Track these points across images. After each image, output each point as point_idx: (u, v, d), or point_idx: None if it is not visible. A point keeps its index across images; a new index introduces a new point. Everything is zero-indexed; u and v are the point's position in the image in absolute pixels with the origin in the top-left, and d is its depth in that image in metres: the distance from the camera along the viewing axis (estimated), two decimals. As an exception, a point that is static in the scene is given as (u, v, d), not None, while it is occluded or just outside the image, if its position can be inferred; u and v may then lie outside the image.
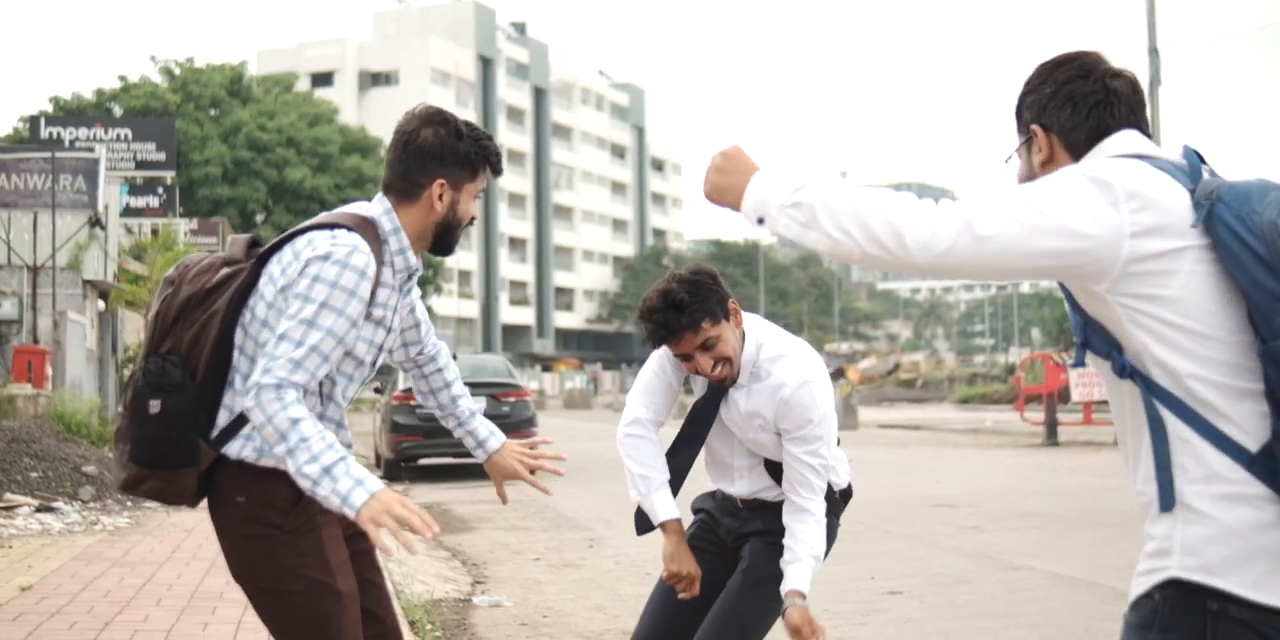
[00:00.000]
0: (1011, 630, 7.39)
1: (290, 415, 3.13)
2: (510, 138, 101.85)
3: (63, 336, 20.77)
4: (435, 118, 3.44)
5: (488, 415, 15.96)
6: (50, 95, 58.93)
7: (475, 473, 19.92)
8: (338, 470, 3.12)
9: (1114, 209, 2.30)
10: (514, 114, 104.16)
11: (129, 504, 11.84)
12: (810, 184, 2.42)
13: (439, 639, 7.02)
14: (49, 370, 19.76)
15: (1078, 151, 2.54)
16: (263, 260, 3.36)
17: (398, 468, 19.03)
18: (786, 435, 4.03)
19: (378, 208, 3.44)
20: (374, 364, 3.48)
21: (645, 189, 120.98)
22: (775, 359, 4.08)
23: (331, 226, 3.33)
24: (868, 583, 8.97)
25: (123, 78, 60.43)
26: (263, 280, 3.34)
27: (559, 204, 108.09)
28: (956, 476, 17.81)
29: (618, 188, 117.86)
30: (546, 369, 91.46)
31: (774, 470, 4.19)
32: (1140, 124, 2.56)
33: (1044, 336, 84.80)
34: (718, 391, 4.16)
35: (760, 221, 2.47)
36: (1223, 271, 2.29)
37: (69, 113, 53.07)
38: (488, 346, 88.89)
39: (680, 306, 3.93)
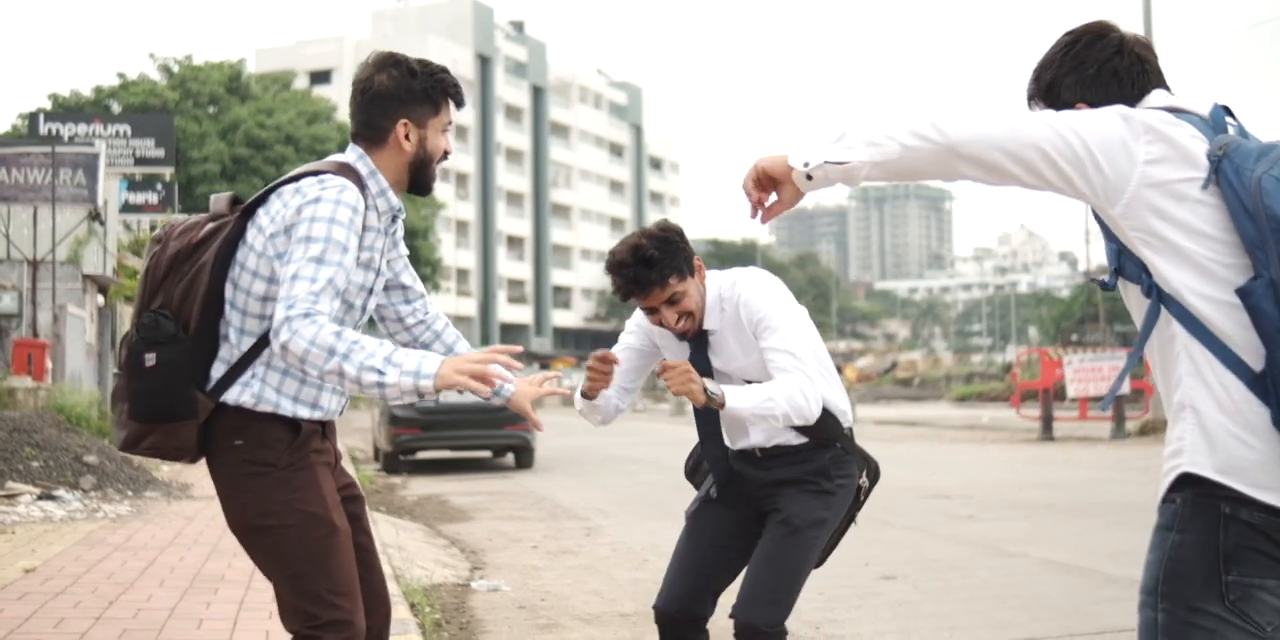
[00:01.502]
0: (1003, 612, 7.48)
1: (331, 329, 3.19)
2: (508, 136, 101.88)
3: (62, 330, 20.84)
4: (387, 61, 3.53)
5: (486, 409, 15.95)
6: (49, 92, 59.15)
7: (472, 466, 20.05)
8: (397, 356, 3.20)
9: (1133, 138, 2.53)
10: (512, 112, 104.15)
11: (129, 493, 11.92)
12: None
13: (438, 621, 7.08)
14: (49, 364, 19.83)
15: None
16: (247, 213, 3.43)
17: (396, 461, 19.10)
18: (759, 339, 4.12)
19: (351, 155, 3.53)
20: (364, 309, 3.55)
21: (643, 187, 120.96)
22: (730, 287, 4.23)
23: (315, 173, 3.41)
24: (863, 569, 9.05)
25: (121, 75, 60.43)
26: (250, 232, 3.40)
27: (557, 202, 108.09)
28: (952, 469, 17.90)
29: (616, 186, 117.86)
30: (544, 367, 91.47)
31: None
32: (1164, 83, 2.82)
33: (1041, 335, 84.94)
34: (700, 345, 4.27)
35: (807, 165, 2.65)
36: (1227, 208, 2.51)
37: (68, 109, 53.06)
38: (485, 345, 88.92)
39: (649, 262, 4.07)
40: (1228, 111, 2.67)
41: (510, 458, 19.95)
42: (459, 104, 3.58)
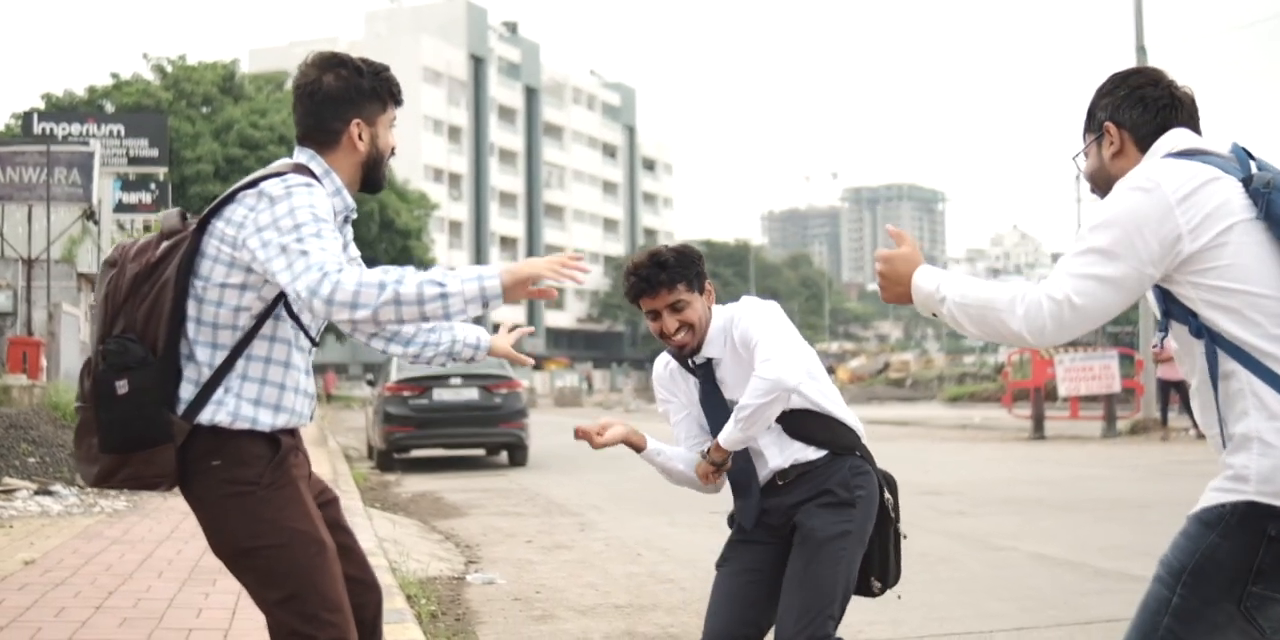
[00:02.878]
0: (992, 603, 7.56)
1: (368, 271, 3.19)
2: (502, 137, 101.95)
3: (57, 328, 20.91)
4: (331, 62, 3.49)
5: (480, 407, 16.02)
6: (43, 92, 59.02)
7: (466, 463, 20.11)
8: (451, 273, 3.21)
9: (1167, 213, 2.78)
10: (505, 113, 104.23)
11: (126, 489, 11.97)
12: (943, 289, 2.97)
13: (434, 612, 7.16)
14: (43, 362, 19.89)
15: (1144, 144, 3.02)
16: (202, 226, 3.36)
17: (390, 459, 19.16)
18: (751, 346, 4.23)
19: (302, 156, 3.49)
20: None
21: (636, 188, 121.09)
22: (730, 319, 4.35)
23: (275, 175, 3.37)
24: (854, 562, 9.13)
25: (115, 75, 60.44)
26: (209, 244, 3.34)
27: (550, 203, 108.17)
28: (944, 467, 17.97)
29: (609, 187, 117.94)
30: (537, 368, 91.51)
31: (795, 429, 4.29)
32: (1195, 126, 3.05)
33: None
34: (708, 375, 4.37)
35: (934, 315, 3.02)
36: (1268, 240, 2.78)
37: (61, 109, 53.07)
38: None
39: (664, 265, 4.23)
40: (1247, 152, 2.92)
41: (504, 455, 20.02)
42: (399, 102, 3.59)
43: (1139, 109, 3.04)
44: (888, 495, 4.40)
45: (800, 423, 4.29)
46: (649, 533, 10.85)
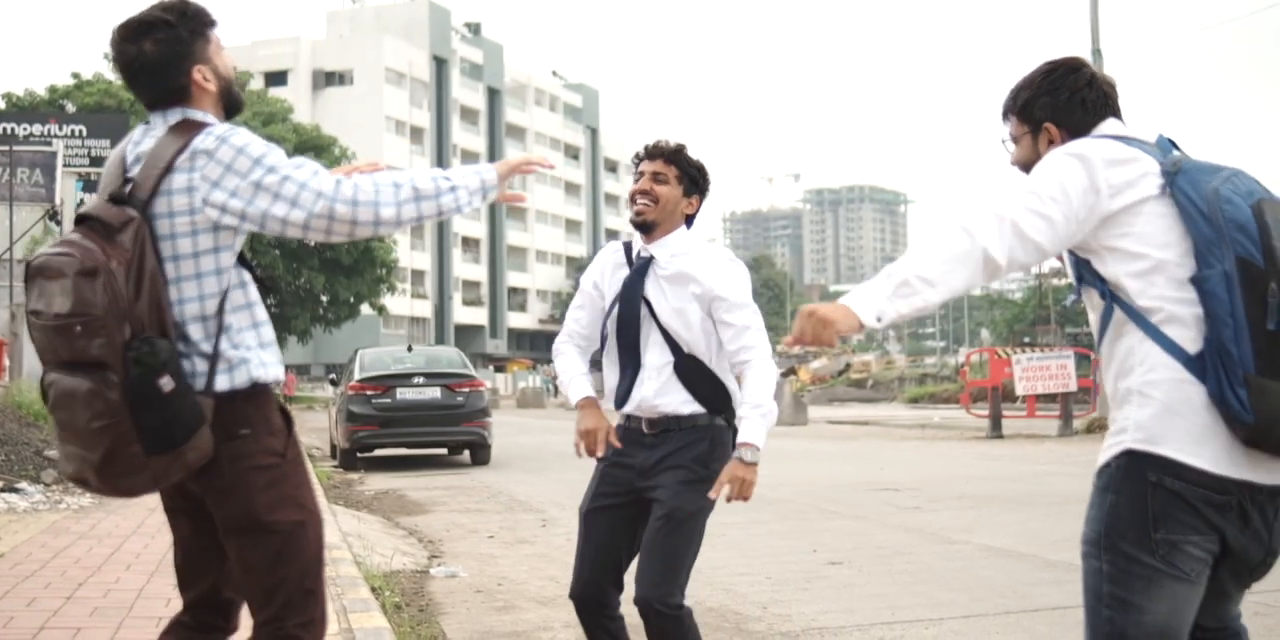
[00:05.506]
0: (944, 593, 7.76)
1: (372, 175, 3.32)
2: (464, 138, 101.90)
3: (20, 328, 20.89)
4: (138, 29, 3.40)
5: (442, 406, 16.04)
6: (3, 92, 58.62)
7: (429, 462, 20.21)
8: (450, 170, 3.39)
9: (1094, 174, 3.10)
10: (468, 114, 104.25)
11: (91, 486, 12.06)
12: (890, 270, 3.13)
13: (398, 604, 7.30)
14: (6, 361, 19.90)
15: (1079, 136, 3.30)
16: (146, 206, 3.30)
17: (353, 458, 19.23)
18: (721, 305, 4.50)
19: (177, 116, 3.42)
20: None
21: (599, 190, 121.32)
22: (710, 250, 4.67)
23: (190, 133, 3.35)
24: (810, 555, 9.34)
25: (76, 75, 60.16)
26: (161, 226, 3.29)
27: (512, 204, 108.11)
28: (902, 465, 18.20)
29: (571, 188, 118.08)
30: (499, 369, 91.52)
31: (686, 373, 4.57)
32: (1119, 114, 3.37)
33: (994, 337, 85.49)
34: (638, 274, 4.64)
35: (880, 320, 3.10)
36: (1175, 216, 3.07)
37: (22, 109, 52.82)
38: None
39: (679, 150, 4.67)
40: (1171, 143, 3.25)
41: (466, 454, 20.13)
42: (215, 22, 3.50)
43: (1079, 111, 3.33)
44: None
45: (693, 371, 4.57)
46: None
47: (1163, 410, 3.02)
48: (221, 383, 3.33)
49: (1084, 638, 3.16)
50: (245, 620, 3.56)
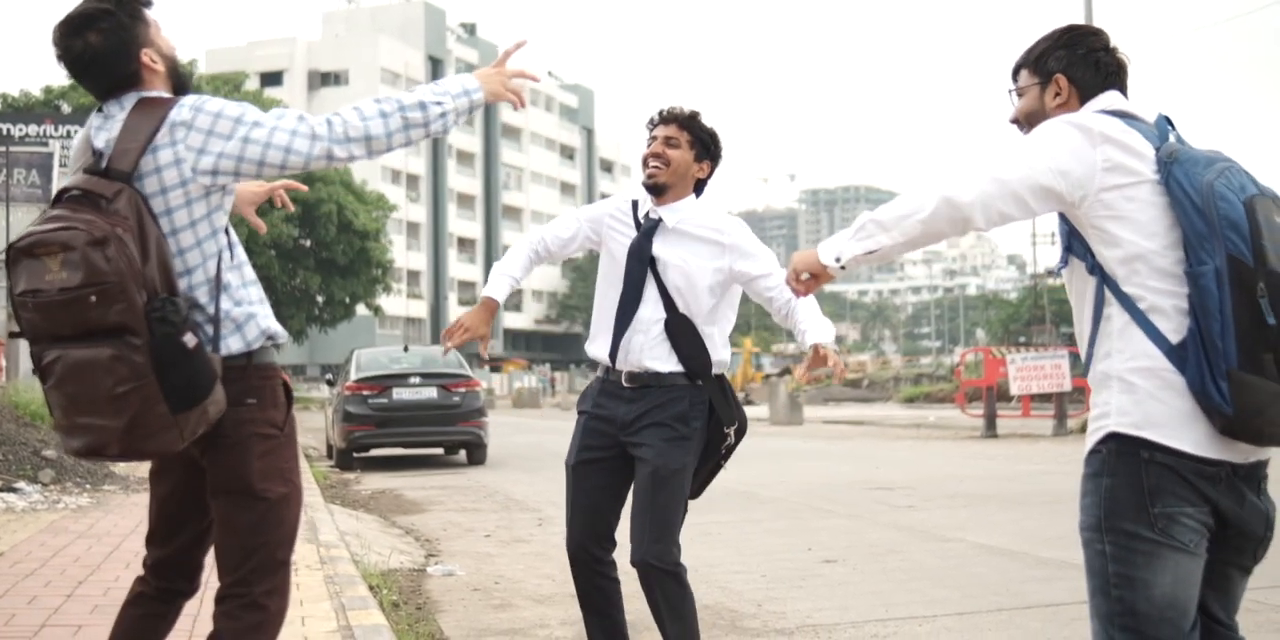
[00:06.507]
0: (937, 590, 7.82)
1: (353, 108, 3.41)
2: (459, 138, 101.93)
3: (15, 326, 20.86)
4: (81, 22, 3.43)
5: (439, 406, 16.12)
6: (-2, 92, 58.62)
7: (425, 462, 20.26)
8: (437, 87, 3.49)
9: (1091, 146, 3.11)
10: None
11: (88, 486, 12.11)
12: (861, 220, 3.24)
13: (395, 602, 7.34)
14: (3, 362, 19.92)
15: (1085, 99, 3.34)
16: (132, 177, 3.34)
17: (349, 457, 19.27)
18: (755, 272, 4.80)
19: (132, 99, 3.46)
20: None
21: (594, 190, 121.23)
22: (725, 217, 4.90)
23: (163, 105, 3.41)
24: (805, 553, 9.39)
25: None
26: (156, 203, 3.35)
27: (508, 204, 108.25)
28: (896, 464, 18.26)
29: (567, 189, 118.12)
30: (495, 370, 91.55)
31: (674, 333, 4.76)
32: (1126, 91, 3.39)
33: (989, 337, 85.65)
34: (646, 235, 4.82)
35: (838, 260, 3.27)
36: (1165, 205, 3.10)
37: (18, 110, 52.80)
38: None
39: (694, 116, 4.86)
40: (1169, 122, 3.27)
41: (463, 454, 20.16)
42: (150, 3, 3.54)
43: (1091, 70, 3.36)
44: (731, 436, 4.89)
45: (684, 330, 4.76)
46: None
47: (1145, 397, 3.10)
48: (235, 343, 3.46)
49: (1091, 626, 3.19)
50: (208, 599, 3.60)
